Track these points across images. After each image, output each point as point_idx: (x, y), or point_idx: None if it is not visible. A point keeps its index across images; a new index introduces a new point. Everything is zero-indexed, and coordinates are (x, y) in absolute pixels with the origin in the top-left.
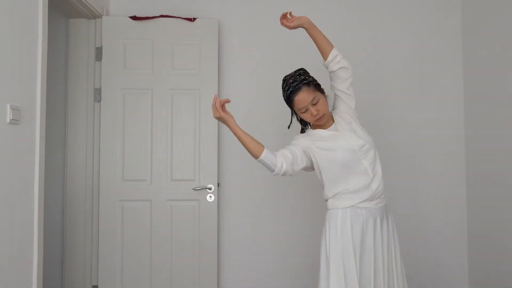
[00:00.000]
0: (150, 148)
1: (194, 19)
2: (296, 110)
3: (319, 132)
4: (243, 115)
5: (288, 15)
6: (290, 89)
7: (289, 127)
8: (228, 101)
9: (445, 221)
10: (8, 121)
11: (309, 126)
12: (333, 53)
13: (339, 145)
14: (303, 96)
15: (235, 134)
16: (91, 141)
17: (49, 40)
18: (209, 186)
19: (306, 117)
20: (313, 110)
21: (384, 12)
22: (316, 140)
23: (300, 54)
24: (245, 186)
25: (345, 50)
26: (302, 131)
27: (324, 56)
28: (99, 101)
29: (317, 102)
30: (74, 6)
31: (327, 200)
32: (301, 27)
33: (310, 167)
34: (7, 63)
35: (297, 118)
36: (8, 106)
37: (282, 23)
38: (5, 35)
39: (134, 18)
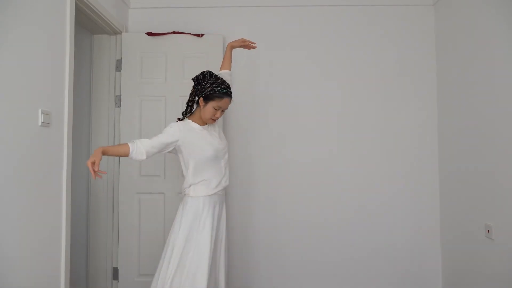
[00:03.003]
0: None
1: (202, 35)
2: (214, 105)
3: (193, 125)
4: (242, 118)
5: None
6: (225, 91)
7: (183, 117)
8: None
9: (419, 218)
10: (39, 124)
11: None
12: (228, 74)
13: (209, 143)
14: (227, 103)
15: (104, 155)
16: (112, 141)
17: (76, 53)
18: None
19: (210, 113)
20: (219, 115)
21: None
22: (188, 131)
23: (292, 65)
24: (244, 179)
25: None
26: (183, 117)
27: (221, 67)
28: (119, 106)
29: (224, 111)
30: (97, 23)
31: (188, 186)
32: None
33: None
34: (39, 73)
35: (191, 105)
36: (40, 111)
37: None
38: (38, 49)
39: (149, 34)
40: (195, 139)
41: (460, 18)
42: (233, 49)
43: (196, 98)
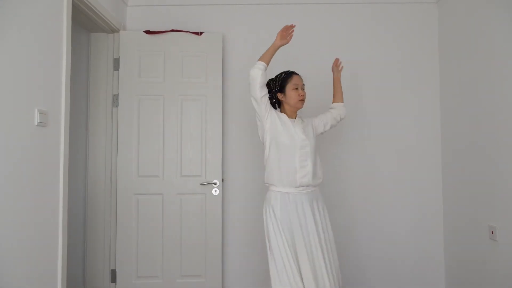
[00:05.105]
0: (162, 147)
1: (201, 33)
2: (291, 85)
3: (282, 116)
4: (245, 117)
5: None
6: (290, 71)
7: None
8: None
9: (422, 219)
10: (36, 123)
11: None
12: (341, 106)
13: (288, 132)
14: (299, 78)
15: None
16: (109, 141)
17: (73, 51)
18: (214, 181)
19: (293, 94)
20: (301, 91)
21: (375, 32)
22: (277, 118)
23: (294, 64)
24: (246, 181)
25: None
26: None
27: (334, 100)
28: (117, 106)
29: (304, 89)
30: (94, 22)
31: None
32: (335, 76)
33: (260, 115)
34: (36, 72)
35: (273, 102)
36: (36, 110)
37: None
38: (34, 47)
39: (148, 32)
40: (278, 125)
41: (463, 16)
42: (338, 77)
43: (273, 100)
